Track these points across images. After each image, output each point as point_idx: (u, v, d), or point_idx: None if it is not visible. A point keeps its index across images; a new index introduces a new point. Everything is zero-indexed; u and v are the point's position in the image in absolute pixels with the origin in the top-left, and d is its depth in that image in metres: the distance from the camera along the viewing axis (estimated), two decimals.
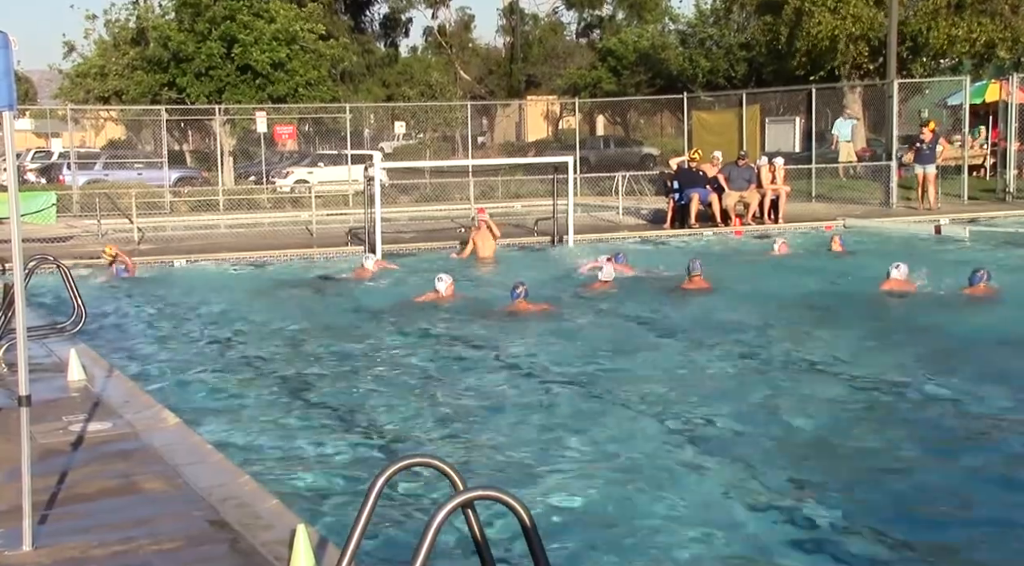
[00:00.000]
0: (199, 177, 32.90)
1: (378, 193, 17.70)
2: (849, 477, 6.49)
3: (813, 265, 15.82)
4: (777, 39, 31.09)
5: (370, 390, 8.80)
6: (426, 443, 7.23)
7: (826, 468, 6.65)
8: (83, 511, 5.20)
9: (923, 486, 6.34)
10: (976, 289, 12.30)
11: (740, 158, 21.30)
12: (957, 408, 7.89)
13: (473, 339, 10.79)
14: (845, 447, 7.07)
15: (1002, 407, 7.89)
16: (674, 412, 7.90)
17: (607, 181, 26.37)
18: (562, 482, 6.36)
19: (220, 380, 9.19)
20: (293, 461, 6.90)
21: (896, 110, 24.91)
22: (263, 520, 4.97)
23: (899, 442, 7.10)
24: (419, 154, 37.53)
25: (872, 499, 6.09)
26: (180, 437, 6.45)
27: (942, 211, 21.59)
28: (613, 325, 11.61)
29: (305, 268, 16.76)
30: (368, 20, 51.21)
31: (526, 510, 3.60)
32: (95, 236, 20.36)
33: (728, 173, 20.70)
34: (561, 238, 18.66)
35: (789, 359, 9.69)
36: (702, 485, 6.33)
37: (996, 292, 12.40)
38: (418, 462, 4.22)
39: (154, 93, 31.69)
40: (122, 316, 12.68)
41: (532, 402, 8.29)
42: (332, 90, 34.34)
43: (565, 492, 6.19)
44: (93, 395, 7.47)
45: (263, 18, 31.54)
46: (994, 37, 28.49)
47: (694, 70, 38.38)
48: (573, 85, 43.75)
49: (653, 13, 50.56)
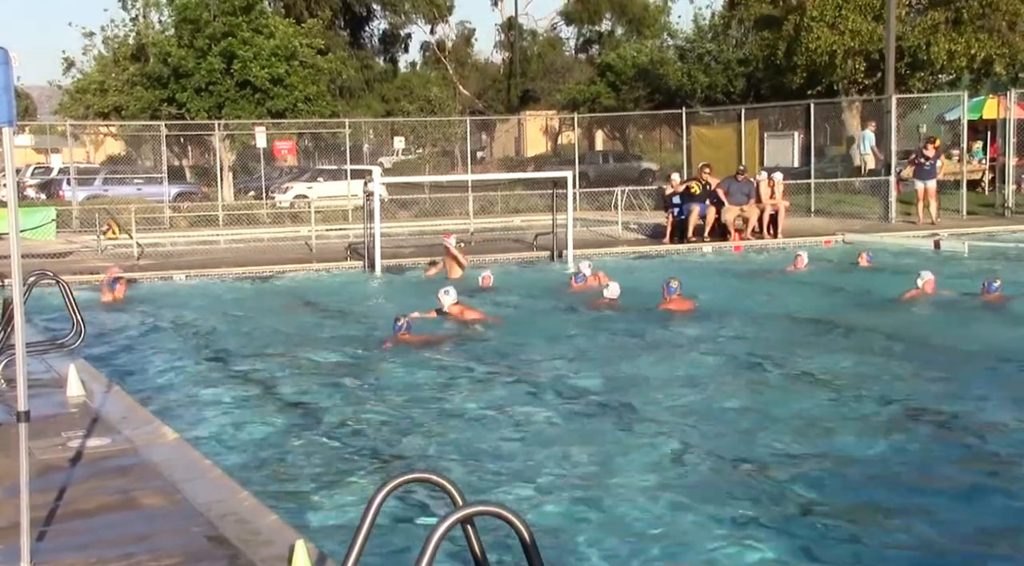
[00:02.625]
0: (199, 192, 32.95)
1: (377, 208, 17.71)
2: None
3: (839, 281, 15.66)
4: (775, 54, 31.20)
5: (372, 405, 8.78)
6: (427, 459, 7.21)
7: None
8: (82, 527, 5.18)
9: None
10: (992, 297, 12.78)
11: (739, 173, 21.32)
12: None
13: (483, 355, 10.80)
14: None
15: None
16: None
17: (606, 196, 26.40)
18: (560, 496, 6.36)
19: (219, 395, 9.18)
20: (291, 477, 6.89)
21: (895, 125, 24.97)
22: (262, 536, 4.95)
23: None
24: (418, 169, 37.59)
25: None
26: (179, 453, 6.44)
27: (941, 226, 21.61)
28: (624, 344, 11.51)
29: (306, 282, 16.76)
30: (367, 35, 51.45)
31: (526, 526, 3.59)
32: (94, 251, 20.37)
33: (728, 187, 20.72)
34: (560, 253, 18.66)
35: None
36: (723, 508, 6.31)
37: (1009, 300, 12.85)
38: (418, 478, 4.20)
39: (154, 109, 31.76)
40: (122, 331, 12.67)
41: (547, 424, 8.28)
42: (331, 105, 34.44)
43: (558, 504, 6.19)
44: (92, 411, 7.46)
45: (262, 34, 31.64)
46: (992, 53, 28.60)
47: (693, 85, 38.52)
48: (572, 100, 43.89)
49: (652, 28, 50.81)
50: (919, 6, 30.10)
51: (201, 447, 6.89)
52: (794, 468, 6.92)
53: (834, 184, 26.52)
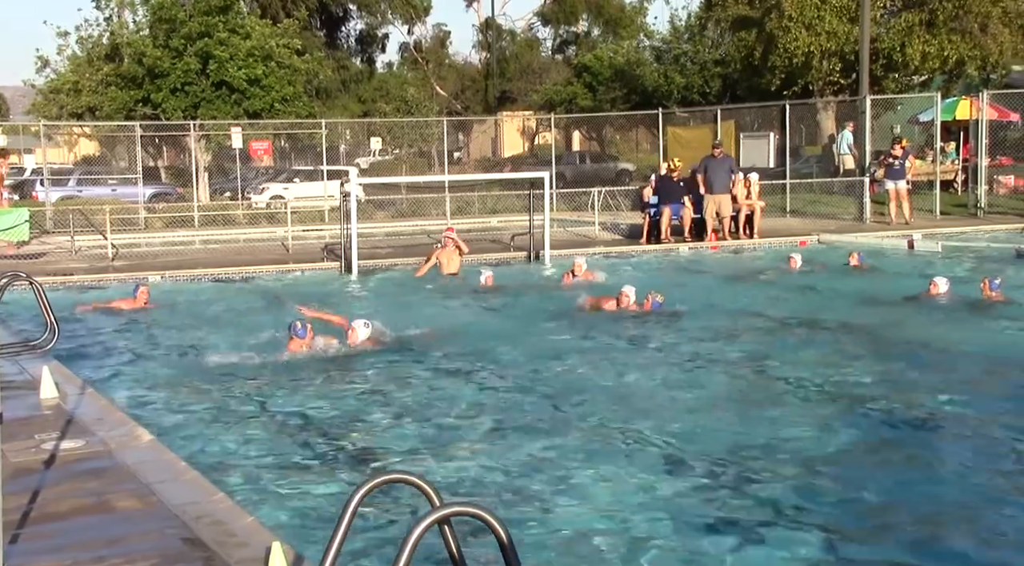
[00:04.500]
0: (174, 193, 32.74)
1: (354, 209, 17.66)
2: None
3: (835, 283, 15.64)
4: (752, 55, 31.34)
5: (350, 406, 8.76)
6: (405, 460, 7.20)
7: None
8: (56, 530, 5.14)
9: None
10: (993, 295, 12.96)
11: (715, 148, 21.18)
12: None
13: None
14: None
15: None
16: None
17: (583, 196, 26.43)
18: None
19: (195, 398, 9.13)
20: (268, 479, 6.86)
21: (869, 126, 25.14)
22: (238, 538, 4.93)
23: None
24: (395, 170, 37.53)
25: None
26: (154, 454, 6.40)
27: (914, 226, 21.77)
28: (614, 345, 11.57)
29: (281, 283, 16.68)
30: (344, 36, 51.28)
31: (503, 527, 3.58)
32: (68, 252, 20.22)
33: (706, 166, 20.63)
34: (538, 254, 18.67)
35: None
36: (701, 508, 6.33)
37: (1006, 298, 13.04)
38: (395, 479, 4.19)
39: (128, 109, 31.53)
40: (98, 333, 12.57)
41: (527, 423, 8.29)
42: (308, 106, 34.30)
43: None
44: (66, 413, 7.40)
45: (239, 34, 31.49)
46: (964, 54, 28.85)
47: (669, 86, 38.67)
48: (549, 101, 43.96)
49: (628, 29, 50.93)
50: (893, 8, 30.33)
51: (177, 449, 6.84)
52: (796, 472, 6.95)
53: (809, 184, 26.67)
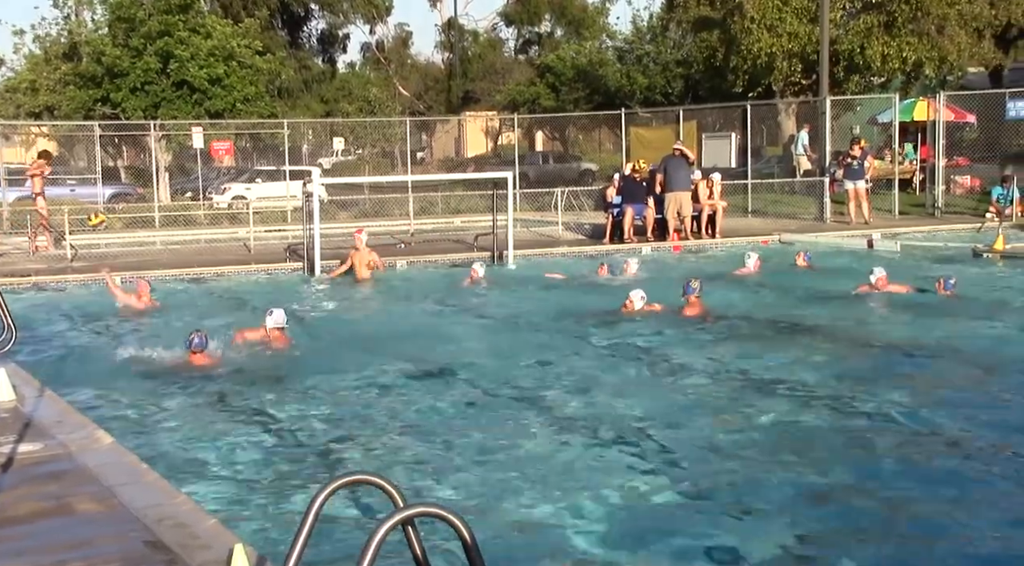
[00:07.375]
0: (134, 193, 32.44)
1: (317, 209, 17.58)
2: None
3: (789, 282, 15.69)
4: (714, 56, 31.54)
5: (312, 408, 8.73)
6: (371, 462, 7.19)
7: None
8: (15, 534, 5.08)
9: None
10: (947, 294, 13.33)
11: (675, 151, 21.23)
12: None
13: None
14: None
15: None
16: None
17: (546, 196, 26.48)
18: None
19: (156, 400, 9.05)
20: (230, 480, 6.82)
21: (829, 126, 25.40)
22: (200, 540, 4.90)
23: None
24: (358, 170, 37.42)
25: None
26: (115, 457, 6.34)
27: (873, 225, 22.01)
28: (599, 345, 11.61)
29: (244, 284, 16.58)
30: (305, 36, 51.01)
31: (466, 526, 3.60)
32: (26, 254, 19.97)
33: (666, 165, 20.71)
34: (501, 254, 18.67)
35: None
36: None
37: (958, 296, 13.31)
38: (358, 479, 4.20)
39: (87, 108, 31.21)
40: (57, 334, 12.44)
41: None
42: (270, 106, 34.14)
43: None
44: (24, 415, 7.31)
45: (199, 34, 31.26)
46: (922, 56, 29.22)
47: (632, 86, 38.85)
48: (512, 101, 44.01)
49: (591, 30, 51.10)
50: (853, 10, 30.65)
51: (137, 451, 6.79)
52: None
53: (771, 184, 26.90)
